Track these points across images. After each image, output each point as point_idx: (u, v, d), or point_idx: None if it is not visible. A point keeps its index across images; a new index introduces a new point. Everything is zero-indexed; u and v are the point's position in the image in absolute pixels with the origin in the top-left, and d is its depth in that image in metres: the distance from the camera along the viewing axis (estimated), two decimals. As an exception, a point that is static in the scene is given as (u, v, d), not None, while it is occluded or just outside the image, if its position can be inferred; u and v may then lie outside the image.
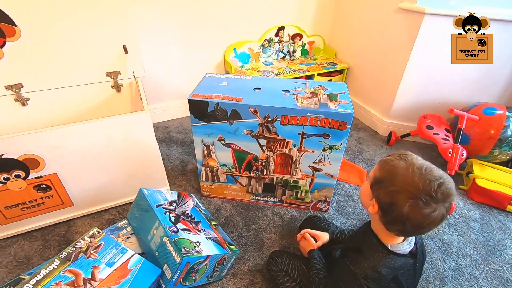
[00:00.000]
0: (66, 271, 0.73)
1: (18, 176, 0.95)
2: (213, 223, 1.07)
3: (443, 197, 0.58)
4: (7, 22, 1.01)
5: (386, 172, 0.65)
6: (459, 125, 1.35)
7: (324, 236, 0.95)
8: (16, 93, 1.14)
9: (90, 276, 0.74)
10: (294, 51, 2.06)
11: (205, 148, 1.12)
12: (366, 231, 0.77)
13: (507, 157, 1.40)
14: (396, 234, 0.68)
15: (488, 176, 1.34)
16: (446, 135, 1.44)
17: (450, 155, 1.30)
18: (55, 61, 1.14)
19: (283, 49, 2.02)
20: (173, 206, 0.98)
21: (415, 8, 1.41)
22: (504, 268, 1.05)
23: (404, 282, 0.71)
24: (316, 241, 0.93)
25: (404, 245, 0.70)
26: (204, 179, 1.23)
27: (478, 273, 1.03)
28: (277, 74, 1.80)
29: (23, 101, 1.17)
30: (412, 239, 0.72)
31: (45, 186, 1.01)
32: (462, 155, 1.30)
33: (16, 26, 1.03)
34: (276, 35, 1.93)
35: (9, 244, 1.06)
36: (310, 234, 0.95)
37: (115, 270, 0.77)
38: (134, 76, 1.31)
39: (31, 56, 1.09)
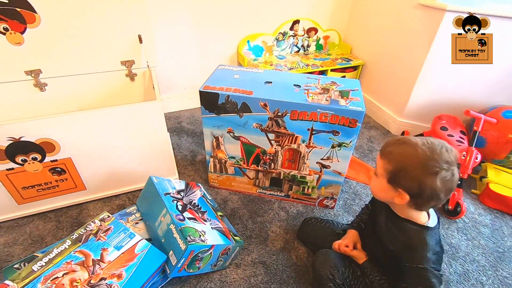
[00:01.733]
0: (76, 251, 0.77)
1: (35, 159, 0.99)
2: (219, 213, 1.08)
3: (455, 158, 0.64)
4: (28, 9, 1.04)
5: (399, 162, 0.67)
6: (475, 128, 1.31)
7: (353, 236, 0.90)
8: (35, 79, 1.17)
9: (99, 258, 0.77)
10: (308, 46, 2.03)
11: (214, 139, 1.13)
12: (394, 224, 0.75)
13: (525, 162, 1.36)
14: (426, 210, 0.72)
15: (503, 181, 1.30)
16: (461, 137, 1.40)
17: (463, 158, 1.26)
18: (73, 49, 1.17)
19: (297, 43, 1.99)
20: (181, 195, 1.01)
21: (436, 4, 1.36)
22: (513, 275, 1.03)
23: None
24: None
25: (434, 218, 0.74)
26: (212, 170, 1.25)
27: (484, 279, 1.01)
28: (290, 68, 1.79)
29: (41, 86, 1.21)
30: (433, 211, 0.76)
31: (60, 170, 1.05)
32: (476, 159, 1.26)
33: (36, 13, 1.05)
34: (291, 28, 1.91)
35: (25, 223, 1.12)
36: (347, 248, 0.87)
37: (122, 253, 0.80)
38: (148, 66, 1.33)
39: (50, 43, 1.12)
